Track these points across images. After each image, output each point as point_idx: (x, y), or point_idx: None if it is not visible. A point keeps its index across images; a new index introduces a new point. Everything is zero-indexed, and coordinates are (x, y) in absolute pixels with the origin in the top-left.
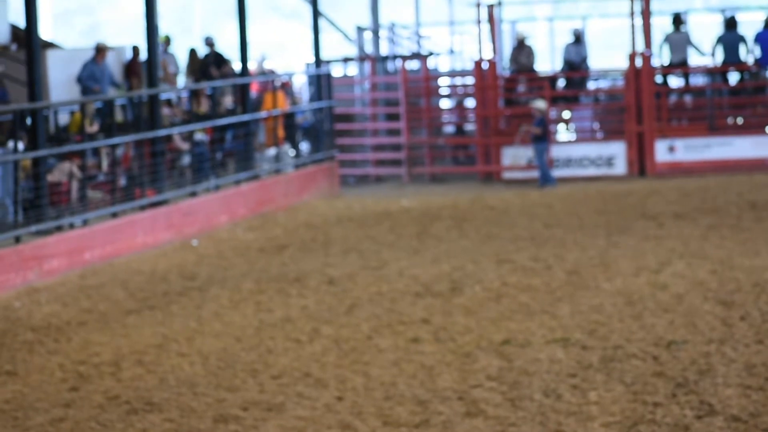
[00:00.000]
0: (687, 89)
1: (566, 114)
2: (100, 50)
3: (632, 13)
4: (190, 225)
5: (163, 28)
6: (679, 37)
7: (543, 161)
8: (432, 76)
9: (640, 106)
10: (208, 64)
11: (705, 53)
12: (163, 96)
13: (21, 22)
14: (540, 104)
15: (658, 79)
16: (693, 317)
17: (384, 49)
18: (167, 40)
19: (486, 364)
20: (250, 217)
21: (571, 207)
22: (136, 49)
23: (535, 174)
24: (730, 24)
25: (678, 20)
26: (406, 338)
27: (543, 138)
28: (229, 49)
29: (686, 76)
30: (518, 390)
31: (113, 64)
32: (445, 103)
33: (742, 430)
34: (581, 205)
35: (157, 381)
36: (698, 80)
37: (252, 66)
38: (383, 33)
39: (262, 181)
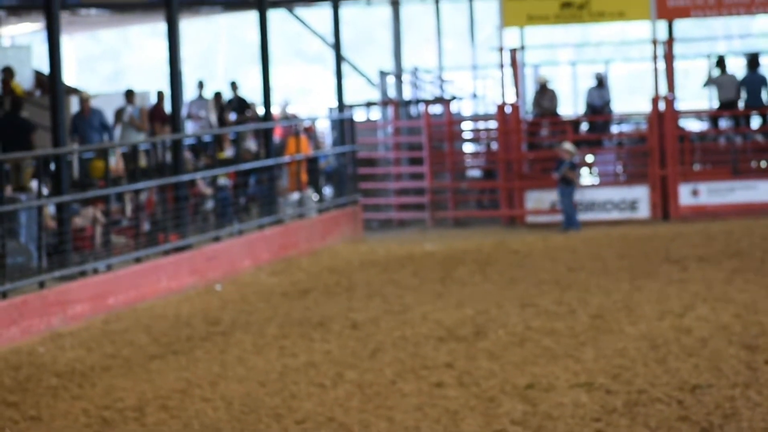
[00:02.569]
0: (710, 132)
1: (589, 158)
2: (83, 101)
3: (655, 57)
4: (214, 270)
5: (187, 73)
6: (726, 79)
7: (569, 204)
8: (455, 121)
9: (664, 150)
10: (227, 109)
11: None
12: (187, 141)
13: (45, 68)
14: (569, 147)
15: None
16: (717, 361)
17: (407, 94)
18: (201, 86)
19: (510, 408)
20: (273, 262)
21: (595, 251)
22: (160, 95)
23: (558, 218)
24: (752, 64)
25: (723, 62)
26: (429, 383)
27: (570, 181)
28: (252, 93)
29: (736, 119)
30: None
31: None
32: (468, 147)
33: None
34: (605, 248)
35: (181, 426)
36: (721, 123)
37: (275, 111)
38: (406, 77)
39: (286, 226)
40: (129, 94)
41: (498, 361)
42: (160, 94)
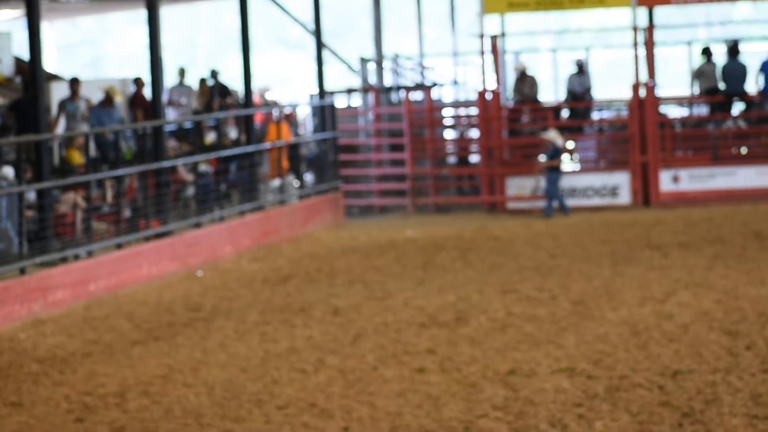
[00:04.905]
0: (692, 119)
1: (570, 144)
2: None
3: (635, 44)
4: (195, 256)
5: (168, 60)
6: (709, 68)
7: (557, 190)
8: (436, 107)
9: (644, 136)
10: (212, 96)
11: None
12: (168, 128)
13: (25, 55)
14: (552, 135)
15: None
16: (698, 347)
17: (388, 80)
18: (182, 72)
19: (491, 394)
20: (254, 248)
21: (576, 237)
22: (138, 81)
23: (540, 204)
24: (733, 51)
25: (708, 52)
26: (411, 368)
27: (556, 167)
28: (233, 80)
29: (720, 106)
30: (524, 420)
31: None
32: (449, 134)
33: None
34: (586, 235)
35: (163, 412)
36: (702, 110)
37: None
38: (387, 64)
39: (267, 212)
40: (74, 83)
41: (479, 347)
42: (138, 81)
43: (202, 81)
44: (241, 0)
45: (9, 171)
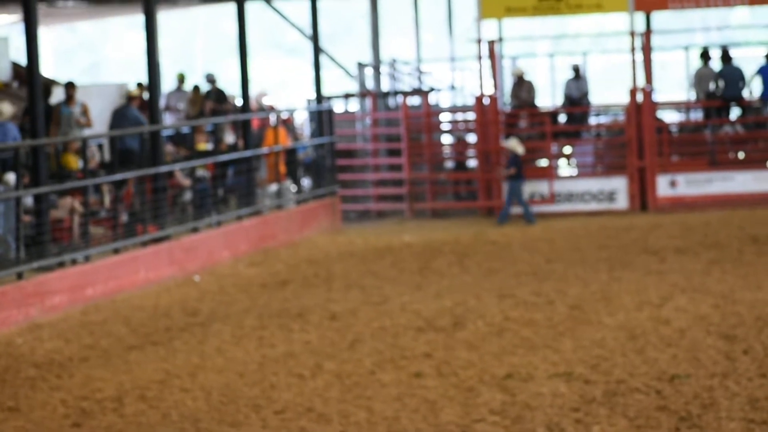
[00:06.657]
0: (689, 123)
1: (567, 149)
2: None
3: (633, 49)
4: (192, 261)
5: (165, 65)
6: (707, 72)
7: (521, 198)
8: (433, 112)
9: (642, 141)
10: (204, 104)
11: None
12: (165, 132)
13: (23, 60)
14: (512, 143)
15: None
16: (696, 351)
17: (385, 85)
18: (181, 78)
19: (489, 398)
20: (251, 253)
21: (573, 242)
22: (141, 87)
23: (536, 209)
24: (726, 57)
25: (706, 55)
26: (408, 373)
27: (518, 175)
28: (230, 85)
29: (718, 111)
30: (521, 424)
31: (110, 101)
32: (447, 139)
33: None
34: (583, 239)
35: (160, 417)
36: (699, 115)
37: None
38: (384, 69)
39: (264, 217)
40: (69, 87)
41: (477, 351)
42: (140, 87)
43: (196, 88)
44: (238, 5)
45: (11, 177)
